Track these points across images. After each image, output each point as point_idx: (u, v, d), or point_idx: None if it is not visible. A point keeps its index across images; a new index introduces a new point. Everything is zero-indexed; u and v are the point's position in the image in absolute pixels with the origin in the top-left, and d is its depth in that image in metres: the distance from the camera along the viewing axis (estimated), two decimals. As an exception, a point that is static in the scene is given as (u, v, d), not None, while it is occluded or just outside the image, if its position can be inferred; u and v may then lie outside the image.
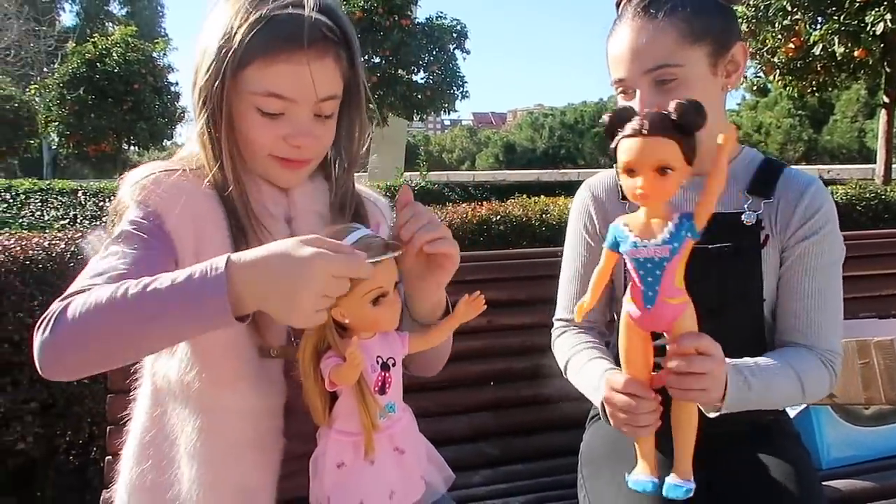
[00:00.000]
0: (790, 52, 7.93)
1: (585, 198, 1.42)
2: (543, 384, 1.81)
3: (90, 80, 15.69)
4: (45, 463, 2.22)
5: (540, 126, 44.97)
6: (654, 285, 0.98)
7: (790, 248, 1.25)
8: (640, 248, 0.98)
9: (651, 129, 0.95)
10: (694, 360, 1.00)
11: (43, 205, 9.41)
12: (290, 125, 1.02)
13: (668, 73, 1.18)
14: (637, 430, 1.06)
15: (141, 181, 1.02)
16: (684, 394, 1.02)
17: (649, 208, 0.99)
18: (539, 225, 2.95)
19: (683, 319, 1.00)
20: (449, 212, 3.07)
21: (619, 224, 1.03)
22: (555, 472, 1.67)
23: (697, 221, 0.97)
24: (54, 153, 22.41)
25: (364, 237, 0.90)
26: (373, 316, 0.91)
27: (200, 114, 1.03)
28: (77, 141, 16.18)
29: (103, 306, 0.83)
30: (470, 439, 1.79)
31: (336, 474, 0.93)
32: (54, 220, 8.18)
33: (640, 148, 0.96)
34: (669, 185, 0.96)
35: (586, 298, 1.07)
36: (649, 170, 0.95)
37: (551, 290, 1.93)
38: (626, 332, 1.05)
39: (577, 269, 1.41)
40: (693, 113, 0.96)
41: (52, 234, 2.34)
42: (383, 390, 0.93)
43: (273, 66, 0.99)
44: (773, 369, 1.16)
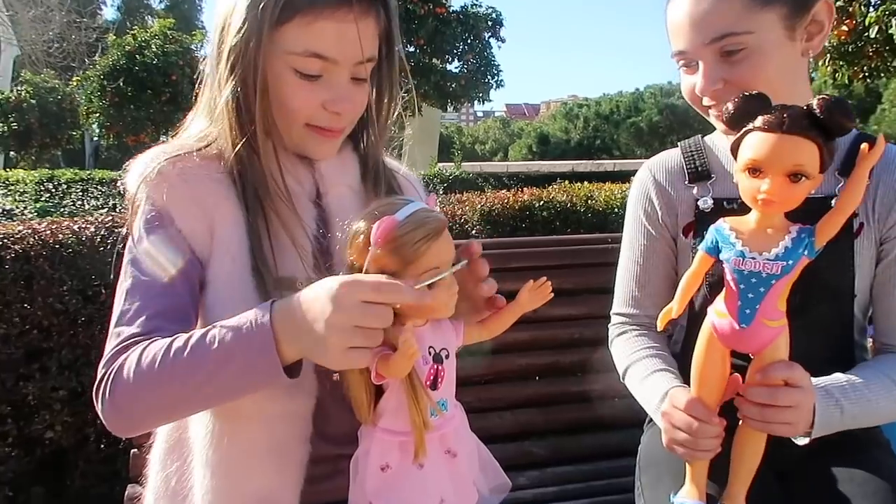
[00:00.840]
0: (843, 35, 7.59)
1: (646, 181, 1.26)
2: (594, 380, 1.70)
3: (130, 71, 15.91)
4: (74, 452, 2.18)
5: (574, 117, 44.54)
6: (755, 303, 0.88)
7: (891, 239, 1.08)
8: (747, 259, 0.87)
9: (791, 125, 0.83)
10: (780, 393, 0.90)
11: (84, 194, 9.61)
12: (329, 89, 0.95)
13: (735, 42, 1.02)
14: (694, 454, 0.98)
15: (146, 175, 0.95)
16: (765, 426, 0.92)
17: (765, 215, 0.88)
18: (585, 211, 2.81)
19: (777, 345, 0.90)
20: (489, 197, 2.95)
21: (725, 227, 0.91)
22: (608, 476, 1.56)
23: (819, 238, 0.86)
24: (96, 144, 22.88)
25: (420, 210, 0.79)
26: (425, 294, 0.79)
27: (228, 80, 0.94)
28: (117, 132, 16.44)
29: (154, 377, 0.83)
30: (515, 437, 1.69)
31: (379, 478, 0.83)
32: (94, 209, 8.30)
33: (774, 146, 0.84)
34: (799, 194, 0.86)
35: (674, 306, 0.97)
36: (781, 173, 0.84)
37: (600, 279, 1.82)
38: (706, 346, 0.94)
39: (635, 259, 1.27)
40: (842, 113, 0.83)
41: (83, 218, 2.29)
42: (435, 385, 0.83)
43: (316, 23, 0.91)
44: (870, 386, 1.01)
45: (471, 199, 2.91)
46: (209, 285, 0.94)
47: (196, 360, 0.81)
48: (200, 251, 0.95)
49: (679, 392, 1.01)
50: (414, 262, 0.77)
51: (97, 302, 2.11)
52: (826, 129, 0.84)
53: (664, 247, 1.23)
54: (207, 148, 0.99)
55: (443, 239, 0.79)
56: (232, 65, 0.93)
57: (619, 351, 1.27)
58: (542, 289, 0.88)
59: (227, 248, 0.94)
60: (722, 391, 0.96)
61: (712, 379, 0.95)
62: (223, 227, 0.95)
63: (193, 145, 0.99)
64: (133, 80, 15.89)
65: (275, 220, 0.96)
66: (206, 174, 0.96)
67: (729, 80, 1.03)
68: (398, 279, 0.76)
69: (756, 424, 0.93)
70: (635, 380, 1.19)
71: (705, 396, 0.96)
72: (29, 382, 2.08)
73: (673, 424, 0.99)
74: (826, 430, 0.97)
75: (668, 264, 1.23)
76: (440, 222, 0.79)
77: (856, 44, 7.72)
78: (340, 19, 0.91)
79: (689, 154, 1.21)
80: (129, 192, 0.97)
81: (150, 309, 0.90)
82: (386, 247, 0.76)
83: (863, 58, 7.97)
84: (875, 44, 7.50)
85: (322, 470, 0.97)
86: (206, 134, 1.00)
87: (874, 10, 7.24)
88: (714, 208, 1.12)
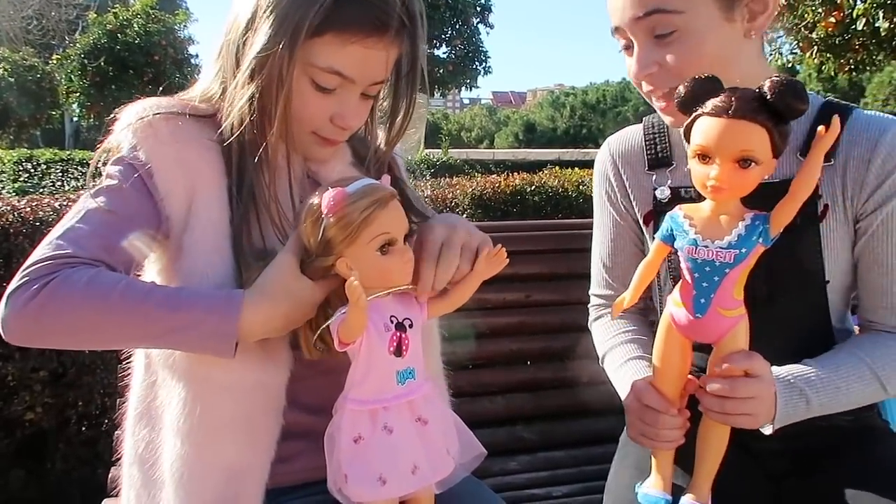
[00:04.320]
0: (830, 27, 7.62)
1: (606, 162, 1.21)
2: (585, 365, 1.68)
3: (111, 51, 15.68)
4: (55, 434, 2.14)
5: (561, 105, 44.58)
6: (709, 292, 0.86)
7: (868, 214, 1.00)
8: (700, 247, 0.85)
9: (738, 109, 0.80)
10: (738, 384, 0.88)
11: (64, 175, 9.46)
12: (340, 103, 0.96)
13: (665, 21, 0.96)
14: (656, 444, 0.97)
15: (135, 124, 0.93)
16: (725, 418, 0.91)
17: (718, 203, 0.85)
18: (576, 196, 2.80)
19: (735, 335, 0.88)
20: (480, 181, 2.93)
21: (679, 214, 0.89)
22: (599, 461, 1.55)
23: (774, 226, 0.84)
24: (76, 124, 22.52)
25: (369, 184, 0.83)
26: (380, 265, 0.83)
27: (247, 85, 0.92)
28: (98, 112, 16.22)
29: (97, 300, 0.81)
30: (506, 422, 1.67)
31: (353, 449, 0.84)
32: (74, 191, 8.18)
33: (722, 131, 0.81)
34: (749, 181, 0.83)
35: (627, 295, 0.95)
36: (729, 159, 0.81)
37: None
38: (665, 337, 0.93)
39: (603, 240, 1.24)
40: (792, 95, 0.80)
41: (65, 195, 2.23)
42: (399, 352, 0.84)
43: (348, 45, 0.91)
44: (840, 372, 0.97)
45: (462, 183, 2.89)
46: (185, 252, 0.92)
47: (157, 299, 0.83)
48: (174, 214, 0.92)
49: (640, 384, 0.99)
50: (363, 228, 0.80)
51: (79, 281, 2.06)
52: (777, 113, 0.80)
53: (628, 229, 1.20)
54: (206, 106, 0.98)
55: (390, 208, 0.82)
56: (253, 70, 0.91)
57: (597, 335, 1.26)
58: (498, 256, 0.89)
59: (207, 216, 0.92)
60: (683, 381, 0.94)
61: (672, 369, 0.94)
62: (204, 195, 0.93)
63: (191, 103, 0.97)
64: (114, 60, 15.65)
65: (265, 193, 0.95)
66: (198, 138, 0.94)
67: (662, 63, 0.98)
68: (350, 248, 0.81)
69: (716, 416, 0.91)
70: (612, 367, 1.17)
71: (665, 387, 0.95)
72: (8, 363, 2.02)
73: (634, 415, 0.98)
74: (790, 419, 0.94)
75: (634, 245, 1.20)
76: (388, 192, 0.83)
77: (843, 36, 7.76)
78: (371, 45, 0.92)
79: (650, 137, 1.16)
80: (113, 136, 0.95)
81: (104, 239, 0.87)
82: (336, 215, 0.80)
83: (849, 50, 8.02)
84: (862, 36, 7.55)
85: (295, 447, 0.96)
86: (211, 95, 0.99)
87: (862, 2, 7.27)
88: (671, 198, 1.08)
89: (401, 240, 0.84)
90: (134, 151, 0.92)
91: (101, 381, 2.09)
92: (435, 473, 0.87)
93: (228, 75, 0.95)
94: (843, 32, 7.66)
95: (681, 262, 0.89)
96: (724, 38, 0.98)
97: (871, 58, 8.19)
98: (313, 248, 0.83)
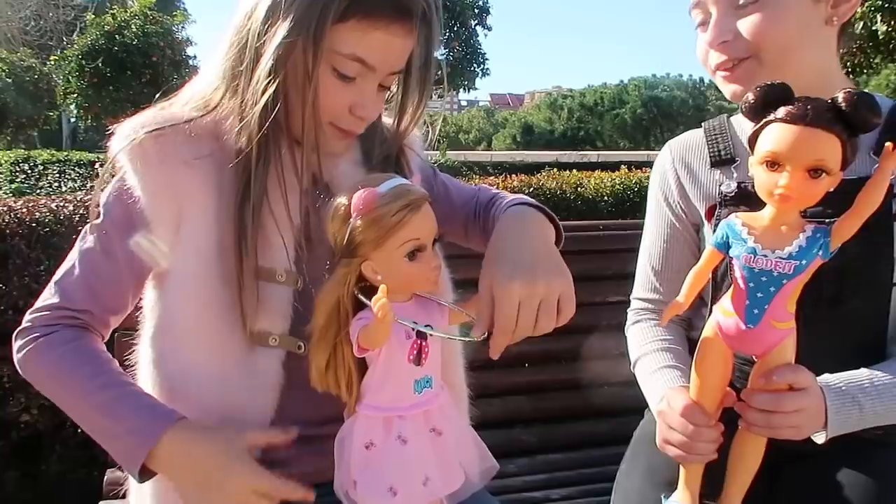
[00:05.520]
0: (828, 31, 7.64)
1: (666, 163, 1.20)
2: (586, 367, 1.68)
3: (109, 52, 15.65)
4: (51, 436, 2.13)
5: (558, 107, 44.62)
6: (764, 303, 0.84)
7: None
8: (758, 256, 0.83)
9: (815, 118, 0.79)
10: (784, 398, 0.87)
11: (61, 176, 9.43)
12: (359, 93, 0.93)
13: None
14: (687, 458, 0.95)
15: (126, 148, 0.91)
16: (770, 432, 0.89)
17: (780, 211, 0.84)
18: (574, 198, 2.79)
19: (784, 348, 0.86)
20: (478, 183, 2.91)
21: (736, 222, 0.87)
22: (598, 463, 1.55)
23: (835, 240, 0.82)
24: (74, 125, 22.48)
25: (401, 184, 0.80)
26: (407, 272, 0.80)
27: (273, 76, 0.88)
28: (95, 113, 16.19)
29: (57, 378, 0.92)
30: (505, 424, 1.66)
31: (364, 456, 0.82)
32: (71, 192, 8.15)
33: (796, 138, 0.80)
34: (818, 190, 0.81)
35: (680, 300, 0.92)
36: (801, 167, 0.80)
37: (592, 267, 1.81)
38: (709, 346, 0.91)
39: (655, 243, 1.22)
40: (867, 109, 0.79)
41: (62, 196, 2.22)
42: (419, 360, 0.82)
43: (372, 31, 0.88)
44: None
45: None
46: (170, 276, 0.92)
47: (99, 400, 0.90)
48: (162, 238, 0.91)
49: (677, 393, 0.98)
50: (393, 232, 0.77)
51: (75, 283, 2.05)
52: (850, 125, 0.80)
53: (684, 232, 1.19)
54: (204, 118, 0.93)
55: (423, 212, 0.79)
56: (276, 62, 0.87)
57: (633, 339, 1.23)
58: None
59: (193, 240, 0.91)
60: (722, 393, 0.93)
61: (713, 380, 0.92)
62: (192, 218, 0.91)
63: (186, 114, 0.93)
64: (112, 61, 15.62)
65: (264, 208, 0.92)
66: (188, 157, 0.91)
67: (739, 32, 0.99)
68: (377, 251, 0.78)
69: (761, 431, 0.90)
70: (644, 372, 1.15)
71: (704, 399, 0.93)
72: (3, 364, 2.00)
73: (668, 425, 0.96)
74: (844, 428, 0.93)
75: (688, 250, 1.19)
76: (421, 195, 0.80)
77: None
78: (394, 32, 0.89)
79: (712, 136, 1.15)
80: (110, 154, 0.93)
81: (90, 288, 0.94)
82: (366, 217, 0.76)
83: (846, 53, 8.04)
84: (859, 39, 7.57)
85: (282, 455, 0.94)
86: (208, 101, 0.95)
87: (861, 5, 7.31)
88: (738, 192, 1.07)
89: (430, 246, 0.81)
90: (122, 181, 0.92)
91: (98, 382, 2.08)
92: (446, 486, 0.86)
93: (244, 75, 0.91)
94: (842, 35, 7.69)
95: (735, 270, 0.87)
96: (806, 16, 0.98)
97: (868, 61, 8.23)
98: (338, 250, 0.80)
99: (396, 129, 1.03)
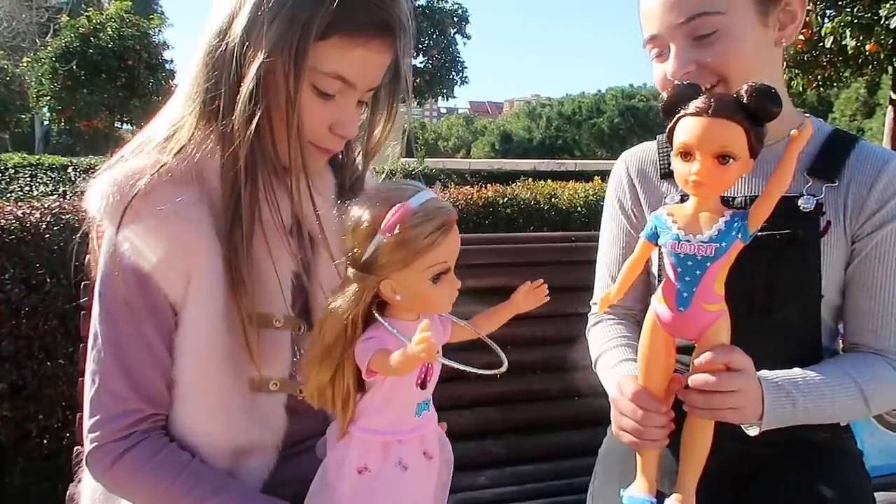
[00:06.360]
0: (799, 45, 7.78)
1: (620, 172, 1.27)
2: (556, 378, 1.69)
3: (83, 54, 15.43)
4: (14, 448, 2.09)
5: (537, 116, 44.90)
6: (692, 286, 0.88)
7: (864, 236, 1.06)
8: (682, 242, 0.89)
9: (717, 109, 0.85)
10: (722, 377, 0.90)
11: (32, 180, 9.29)
12: (339, 111, 0.91)
13: (707, 22, 1.01)
14: (641, 444, 0.98)
15: (112, 213, 0.86)
16: (712, 413, 0.92)
17: (700, 199, 0.90)
18: (548, 209, 2.81)
19: (717, 329, 0.91)
20: (453, 192, 2.93)
21: (663, 212, 0.93)
22: (568, 475, 1.55)
23: (751, 222, 0.87)
24: (46, 128, 22.12)
25: (431, 200, 0.73)
26: (429, 294, 0.74)
27: (257, 98, 0.85)
28: (69, 116, 15.96)
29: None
30: (475, 436, 1.66)
31: (357, 481, 0.77)
32: (43, 196, 8.02)
33: (702, 129, 0.86)
34: (728, 176, 0.87)
35: (613, 289, 0.98)
36: (709, 155, 0.86)
37: (564, 278, 1.81)
38: (650, 334, 0.96)
39: (611, 250, 1.27)
40: (767, 98, 0.84)
41: (28, 203, 2.18)
42: (424, 384, 0.78)
43: (353, 49, 0.88)
44: (828, 381, 1.00)
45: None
46: (181, 329, 0.90)
47: None
48: (174, 297, 0.89)
49: (627, 380, 1.01)
50: (422, 254, 0.71)
51: (41, 291, 2.01)
52: (753, 115, 0.85)
53: (637, 239, 1.22)
54: (178, 157, 0.89)
55: (453, 234, 0.73)
56: (258, 82, 0.85)
57: (593, 340, 1.27)
58: (538, 290, 0.86)
59: (201, 292, 0.89)
60: (668, 379, 0.96)
61: (657, 367, 0.96)
62: (200, 270, 0.88)
63: (162, 161, 0.89)
64: (87, 64, 15.40)
65: (259, 252, 0.90)
66: (182, 208, 0.87)
67: (701, 62, 1.02)
68: (402, 272, 0.72)
69: (702, 413, 0.93)
70: (604, 368, 1.19)
71: (651, 384, 0.97)
72: (-35, 374, 1.98)
73: (620, 412, 0.99)
74: (777, 422, 0.97)
75: None
76: (452, 214, 0.74)
77: (811, 53, 7.93)
78: (375, 49, 0.89)
79: (663, 148, 1.20)
80: (91, 215, 0.89)
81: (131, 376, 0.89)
82: (397, 236, 0.70)
83: (817, 67, 8.20)
84: (829, 54, 7.72)
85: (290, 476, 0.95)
86: (174, 135, 0.91)
87: (829, 20, 7.45)
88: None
89: (453, 267, 0.76)
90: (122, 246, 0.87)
91: (63, 393, 2.05)
92: None
93: (222, 98, 0.87)
94: (812, 50, 7.84)
95: (664, 258, 0.92)
96: (759, 41, 1.03)
97: (838, 74, 8.38)
98: (357, 265, 0.73)
99: (367, 145, 1.02)
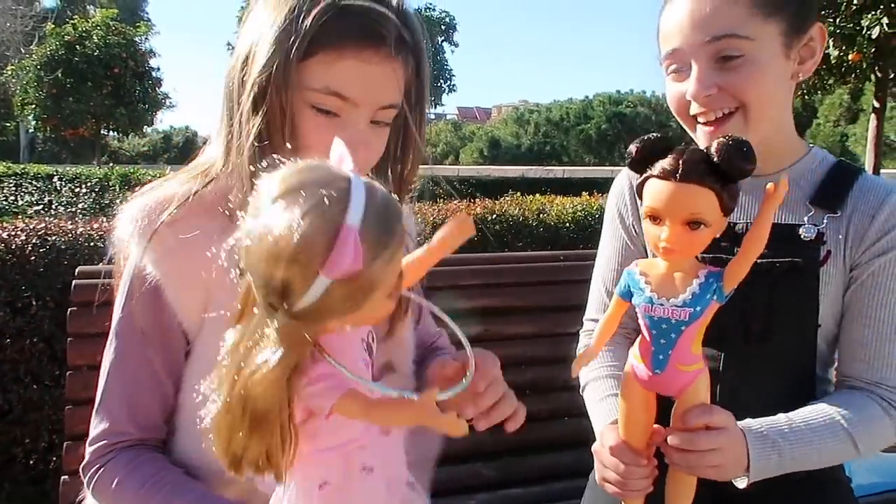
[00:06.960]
0: (783, 54, 7.88)
1: (622, 186, 1.25)
2: (546, 399, 1.68)
3: (69, 62, 15.36)
4: (0, 473, 2.05)
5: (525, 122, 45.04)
6: (667, 349, 0.86)
7: (863, 264, 1.05)
8: (655, 305, 0.86)
9: (686, 173, 0.80)
10: (699, 437, 0.89)
11: (17, 189, 9.19)
12: (346, 130, 0.87)
13: (735, 45, 0.99)
14: (625, 494, 0.98)
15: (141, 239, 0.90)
16: (691, 471, 0.92)
17: (672, 262, 0.87)
18: (537, 225, 2.81)
19: (696, 389, 0.89)
20: (442, 209, 2.92)
21: (635, 271, 0.90)
22: (559, 497, 1.54)
23: (727, 283, 0.84)
24: (31, 137, 21.93)
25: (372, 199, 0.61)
26: (380, 308, 0.65)
27: (253, 116, 0.87)
28: (54, 125, 15.87)
29: None
30: (465, 459, 1.65)
31: (318, 497, 0.73)
32: (28, 206, 7.95)
33: (670, 195, 0.82)
34: (699, 241, 0.83)
35: (590, 349, 0.95)
36: (678, 222, 0.82)
37: (553, 298, 1.82)
38: (627, 388, 0.94)
39: (608, 264, 1.25)
40: (739, 156, 0.79)
41: (12, 224, 2.16)
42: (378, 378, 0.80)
43: (340, 62, 0.86)
44: (815, 428, 0.99)
45: (423, 210, 2.88)
46: (192, 357, 0.91)
47: None
48: (188, 325, 0.91)
49: (609, 431, 0.99)
50: (384, 284, 0.61)
51: (27, 314, 1.99)
52: (724, 174, 0.81)
53: (637, 253, 1.22)
54: (211, 184, 0.92)
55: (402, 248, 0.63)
56: (255, 100, 0.87)
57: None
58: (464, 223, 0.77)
59: (216, 322, 0.85)
60: (649, 432, 0.95)
61: (637, 421, 0.94)
62: (217, 301, 0.87)
63: (193, 188, 0.92)
64: (72, 72, 15.32)
65: None
66: (206, 238, 0.84)
67: (723, 86, 1.01)
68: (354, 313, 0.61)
69: (683, 470, 0.92)
70: (591, 400, 1.18)
71: (632, 438, 0.95)
72: (-49, 400, 1.95)
73: (603, 464, 0.99)
74: (764, 473, 0.96)
75: None
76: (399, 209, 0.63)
77: (795, 62, 8.04)
78: (366, 60, 0.86)
79: None
80: (119, 238, 0.93)
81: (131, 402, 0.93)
82: (352, 280, 0.57)
83: (802, 75, 8.31)
84: (813, 62, 7.83)
85: None
86: (210, 165, 0.94)
87: (813, 31, 7.55)
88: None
89: None
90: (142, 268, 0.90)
91: (49, 418, 2.02)
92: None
93: (229, 121, 0.90)
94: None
95: (639, 318, 0.89)
96: (781, 72, 1.02)
97: (822, 82, 8.49)
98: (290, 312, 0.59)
99: (395, 171, 0.98)
